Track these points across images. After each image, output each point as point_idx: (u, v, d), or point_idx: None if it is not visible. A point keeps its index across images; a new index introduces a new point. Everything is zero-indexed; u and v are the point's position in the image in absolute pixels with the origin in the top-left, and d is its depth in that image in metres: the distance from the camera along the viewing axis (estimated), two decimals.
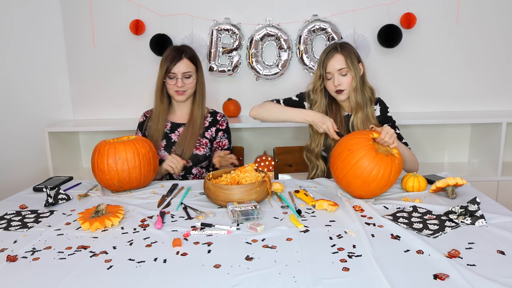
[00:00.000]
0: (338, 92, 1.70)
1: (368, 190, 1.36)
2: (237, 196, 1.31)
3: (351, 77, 1.69)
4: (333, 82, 1.69)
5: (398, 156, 1.39)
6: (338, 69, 1.68)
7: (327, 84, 1.73)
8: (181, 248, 1.06)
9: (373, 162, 1.33)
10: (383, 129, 1.42)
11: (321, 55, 1.74)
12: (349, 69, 1.68)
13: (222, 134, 1.89)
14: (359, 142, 1.37)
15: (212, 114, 1.92)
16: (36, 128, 2.65)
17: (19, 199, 1.49)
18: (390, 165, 1.34)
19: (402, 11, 2.52)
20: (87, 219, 1.21)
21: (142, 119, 1.92)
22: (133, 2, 2.60)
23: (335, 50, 1.69)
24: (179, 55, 1.77)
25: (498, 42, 2.58)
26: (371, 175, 1.32)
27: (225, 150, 1.81)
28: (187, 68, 1.77)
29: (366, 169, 1.33)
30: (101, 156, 1.52)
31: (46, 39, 2.66)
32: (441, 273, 0.89)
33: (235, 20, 2.60)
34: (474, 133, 2.69)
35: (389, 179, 1.35)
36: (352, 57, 1.69)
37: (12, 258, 1.01)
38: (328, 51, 1.71)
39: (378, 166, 1.32)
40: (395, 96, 2.65)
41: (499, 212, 1.23)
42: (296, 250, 1.02)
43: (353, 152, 1.35)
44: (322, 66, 1.70)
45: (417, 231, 1.11)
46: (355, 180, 1.36)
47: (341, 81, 1.68)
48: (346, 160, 1.36)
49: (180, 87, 1.76)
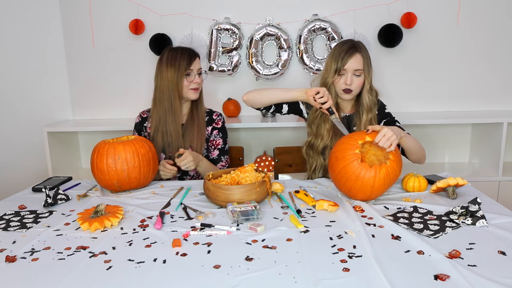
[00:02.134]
0: (346, 91, 1.70)
1: (356, 196, 1.36)
2: (237, 197, 1.30)
3: (363, 79, 1.70)
4: (345, 80, 1.68)
5: (389, 164, 1.33)
6: (355, 69, 1.67)
7: (337, 79, 1.71)
8: (180, 248, 1.05)
9: (354, 173, 1.31)
10: (380, 132, 1.36)
11: (337, 49, 1.70)
12: (364, 71, 1.69)
13: (216, 133, 1.88)
14: (344, 151, 1.35)
15: (208, 113, 1.91)
16: (35, 128, 2.65)
17: (18, 199, 1.49)
18: (374, 175, 1.30)
19: (402, 11, 2.52)
20: (87, 219, 1.20)
21: (138, 120, 1.91)
22: (132, 2, 2.60)
23: (355, 49, 1.67)
24: (194, 53, 1.80)
25: (499, 41, 2.58)
26: (354, 184, 1.32)
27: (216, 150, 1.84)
28: (200, 65, 1.83)
29: (349, 179, 1.32)
30: (101, 156, 1.51)
31: (46, 39, 2.66)
32: (442, 274, 0.88)
33: (235, 19, 2.60)
34: (475, 133, 2.69)
35: (374, 188, 1.32)
36: (369, 60, 1.71)
37: (11, 259, 1.01)
38: (348, 47, 1.68)
39: (360, 176, 1.30)
40: (395, 96, 2.65)
41: (500, 212, 1.23)
42: (296, 251, 1.02)
43: (338, 159, 1.35)
44: (341, 61, 1.66)
45: (418, 231, 1.11)
46: (341, 186, 1.38)
47: (353, 81, 1.68)
48: (333, 167, 1.38)
49: (198, 83, 1.79)
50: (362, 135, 1.39)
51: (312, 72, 2.60)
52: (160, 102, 1.78)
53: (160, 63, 1.77)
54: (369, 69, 1.71)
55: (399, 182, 1.53)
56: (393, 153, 1.36)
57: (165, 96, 1.76)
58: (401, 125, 1.77)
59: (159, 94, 1.78)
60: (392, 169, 1.33)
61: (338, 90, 1.73)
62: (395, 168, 1.34)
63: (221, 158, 1.86)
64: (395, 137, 1.36)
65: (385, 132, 1.35)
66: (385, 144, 1.34)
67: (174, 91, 1.74)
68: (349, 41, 1.73)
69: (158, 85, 1.78)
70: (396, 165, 1.34)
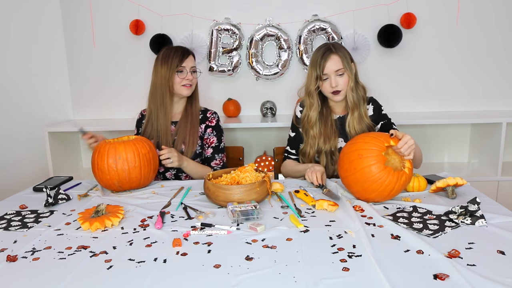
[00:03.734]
0: (335, 93, 1.69)
1: (366, 198, 1.36)
2: (237, 196, 1.31)
3: (347, 77, 1.69)
4: (330, 83, 1.67)
5: (407, 172, 1.34)
6: (335, 70, 1.67)
7: (322, 85, 1.71)
8: (181, 248, 1.06)
9: (379, 174, 1.29)
10: (403, 138, 1.35)
11: (314, 56, 1.71)
12: (345, 69, 1.67)
13: (210, 131, 1.88)
14: (371, 150, 1.33)
15: (203, 111, 1.92)
16: (36, 128, 2.65)
17: (19, 199, 1.49)
18: (395, 181, 1.30)
19: (402, 11, 2.52)
20: (87, 219, 1.21)
21: (139, 117, 1.98)
22: (133, 2, 2.60)
23: (330, 51, 1.67)
24: (186, 51, 1.83)
25: (498, 42, 2.58)
26: (372, 185, 1.31)
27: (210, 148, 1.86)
28: (194, 63, 1.85)
29: (369, 179, 1.31)
30: (101, 156, 1.52)
31: (46, 39, 2.66)
32: (441, 273, 0.89)
33: (235, 20, 2.60)
34: (474, 133, 2.69)
35: (390, 194, 1.32)
36: (347, 57, 1.69)
37: (12, 258, 1.01)
38: (323, 52, 1.68)
39: (382, 180, 1.29)
40: (395, 96, 2.65)
41: (499, 212, 1.23)
42: (296, 250, 1.02)
43: (362, 158, 1.32)
44: (319, 67, 1.68)
45: (417, 231, 1.11)
46: (355, 185, 1.36)
47: (338, 82, 1.67)
48: (354, 164, 1.34)
49: (190, 80, 1.81)
50: (386, 138, 1.37)
51: None
52: (154, 97, 1.83)
53: (156, 60, 1.83)
54: (350, 66, 1.69)
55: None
56: (410, 162, 1.36)
57: (158, 92, 1.81)
58: (396, 126, 1.76)
59: (153, 89, 1.84)
60: (408, 177, 1.35)
61: (328, 95, 1.73)
62: (409, 176, 1.36)
63: (215, 157, 1.86)
64: (414, 146, 1.36)
65: (408, 139, 1.34)
66: (406, 151, 1.34)
67: (166, 87, 1.79)
68: (324, 45, 1.72)
69: (153, 81, 1.84)
70: (410, 174, 1.37)
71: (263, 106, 2.66)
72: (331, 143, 1.75)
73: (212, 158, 1.86)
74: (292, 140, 1.89)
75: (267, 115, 2.64)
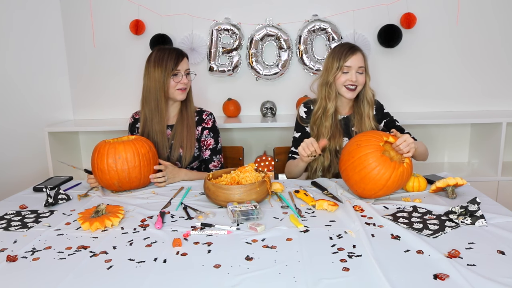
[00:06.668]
0: (349, 88, 1.72)
1: (364, 189, 1.36)
2: (237, 196, 1.31)
3: (365, 78, 1.74)
4: (350, 77, 1.70)
5: (406, 166, 1.36)
6: (358, 66, 1.71)
7: (339, 77, 1.73)
8: (181, 248, 1.06)
9: (375, 162, 1.32)
10: (402, 137, 1.41)
11: (338, 49, 1.74)
12: (366, 70, 1.74)
13: (207, 133, 1.84)
14: (369, 140, 1.38)
15: (198, 112, 1.87)
16: (36, 128, 2.65)
17: (19, 199, 1.49)
18: (391, 170, 1.32)
19: (402, 11, 2.52)
20: (87, 219, 1.21)
21: (131, 121, 1.91)
22: (133, 2, 2.60)
23: (355, 48, 1.73)
24: (181, 53, 1.77)
25: (498, 42, 2.58)
26: (370, 174, 1.33)
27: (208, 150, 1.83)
28: (188, 65, 1.80)
29: (366, 167, 1.33)
30: (101, 156, 1.52)
31: (46, 39, 2.66)
32: (441, 273, 0.89)
33: (235, 20, 2.60)
34: (474, 133, 2.69)
35: (386, 185, 1.33)
36: (367, 60, 1.76)
37: (12, 258, 1.01)
38: (349, 47, 1.73)
39: (379, 168, 1.32)
40: (395, 96, 2.65)
41: (499, 212, 1.23)
42: (296, 250, 1.02)
43: (360, 147, 1.36)
44: (343, 59, 1.70)
45: (417, 231, 1.11)
46: (353, 175, 1.37)
47: (358, 78, 1.71)
48: (352, 154, 1.38)
49: (186, 83, 1.77)
50: (386, 134, 1.43)
51: (312, 72, 2.61)
52: (147, 102, 1.76)
53: (148, 62, 1.76)
54: (368, 70, 1.76)
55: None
56: (409, 160, 1.40)
57: (151, 96, 1.75)
58: (400, 124, 1.79)
59: (146, 93, 1.77)
60: (406, 172, 1.36)
61: (340, 89, 1.74)
62: (408, 172, 1.38)
63: (213, 158, 1.85)
64: (414, 146, 1.41)
65: (406, 138, 1.40)
66: (405, 148, 1.38)
67: (160, 91, 1.73)
68: (346, 43, 1.78)
69: (145, 84, 1.77)
70: (409, 170, 1.39)
71: (263, 106, 2.66)
72: (336, 141, 1.77)
73: (210, 160, 1.85)
74: (297, 141, 1.88)
75: (267, 115, 2.64)
